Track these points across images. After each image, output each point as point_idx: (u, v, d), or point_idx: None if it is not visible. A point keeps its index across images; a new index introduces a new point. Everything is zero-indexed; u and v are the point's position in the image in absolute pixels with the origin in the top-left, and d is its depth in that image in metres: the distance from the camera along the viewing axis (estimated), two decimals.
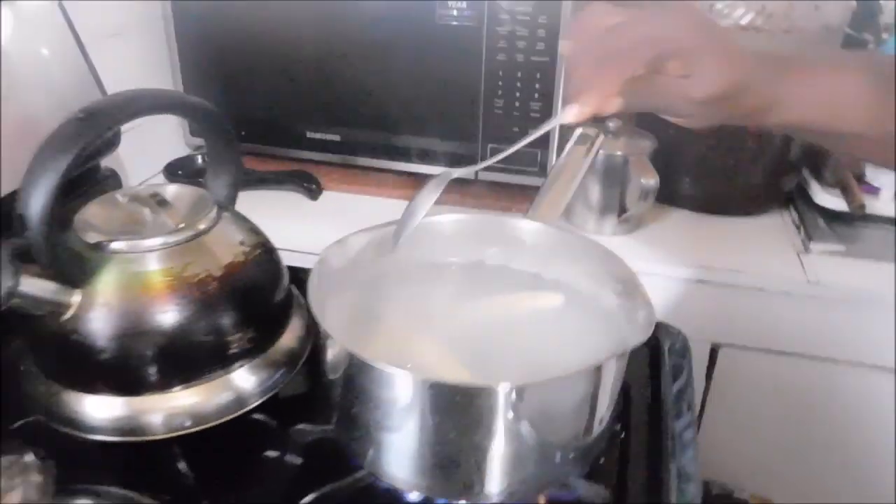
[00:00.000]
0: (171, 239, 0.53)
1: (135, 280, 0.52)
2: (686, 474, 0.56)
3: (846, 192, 0.95)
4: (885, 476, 0.92)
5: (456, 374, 0.51)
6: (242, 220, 0.60)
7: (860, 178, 0.98)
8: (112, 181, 0.78)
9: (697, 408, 0.94)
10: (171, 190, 0.59)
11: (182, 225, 0.54)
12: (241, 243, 0.57)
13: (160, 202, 0.55)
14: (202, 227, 0.55)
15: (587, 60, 0.48)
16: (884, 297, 0.84)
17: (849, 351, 0.88)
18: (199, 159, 1.07)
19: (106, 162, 0.90)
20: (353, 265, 0.59)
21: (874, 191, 0.97)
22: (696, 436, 0.60)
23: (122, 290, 0.52)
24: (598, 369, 0.47)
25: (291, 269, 0.63)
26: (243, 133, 1.08)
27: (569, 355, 0.55)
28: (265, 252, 0.59)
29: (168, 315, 0.52)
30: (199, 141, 1.11)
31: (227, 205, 0.61)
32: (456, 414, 0.45)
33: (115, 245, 0.53)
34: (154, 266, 0.52)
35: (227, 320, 0.54)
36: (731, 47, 0.48)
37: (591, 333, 0.56)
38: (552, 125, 0.54)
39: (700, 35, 0.48)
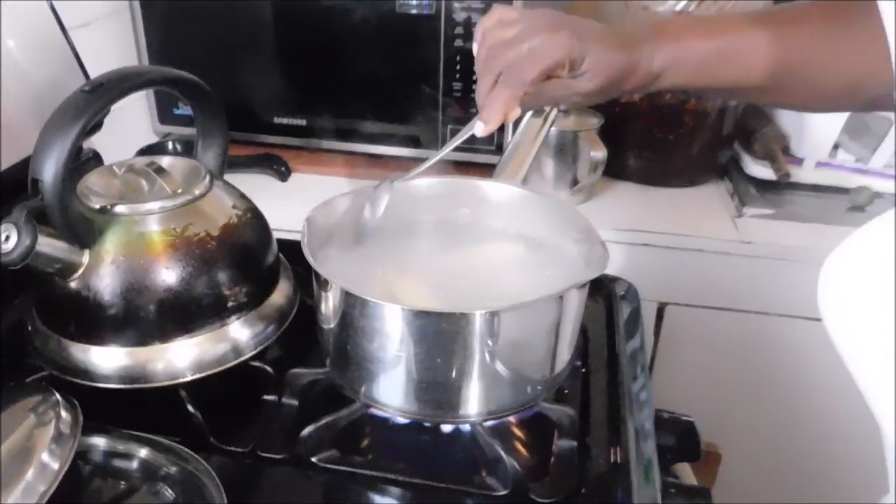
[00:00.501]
0: (171, 203, 0.58)
1: (139, 240, 0.57)
2: (644, 432, 0.62)
3: (774, 162, 1.05)
4: (816, 414, 1.01)
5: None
6: (232, 188, 0.65)
7: (786, 150, 1.08)
8: (95, 162, 0.81)
9: (648, 364, 1.02)
10: (166, 161, 0.63)
11: (179, 190, 0.59)
12: (234, 207, 0.62)
13: (157, 170, 0.60)
14: (198, 192, 0.60)
15: (486, 72, 0.56)
16: (810, 254, 0.93)
17: (780, 304, 0.97)
18: (170, 145, 1.10)
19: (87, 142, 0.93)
20: (338, 224, 0.65)
21: (798, 161, 1.07)
22: (650, 396, 0.67)
23: (127, 249, 0.56)
24: (560, 298, 0.53)
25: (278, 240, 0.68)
26: None
27: (531, 291, 0.62)
28: (255, 216, 0.64)
29: (170, 272, 0.56)
30: (167, 128, 1.15)
31: (216, 174, 0.66)
32: (439, 340, 0.52)
33: (118, 209, 0.57)
34: (156, 227, 0.57)
35: (223, 276, 0.59)
36: (610, 42, 0.56)
37: (555, 278, 0.63)
38: (465, 136, 0.61)
39: (580, 39, 0.55)
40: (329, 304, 0.56)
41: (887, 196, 1.03)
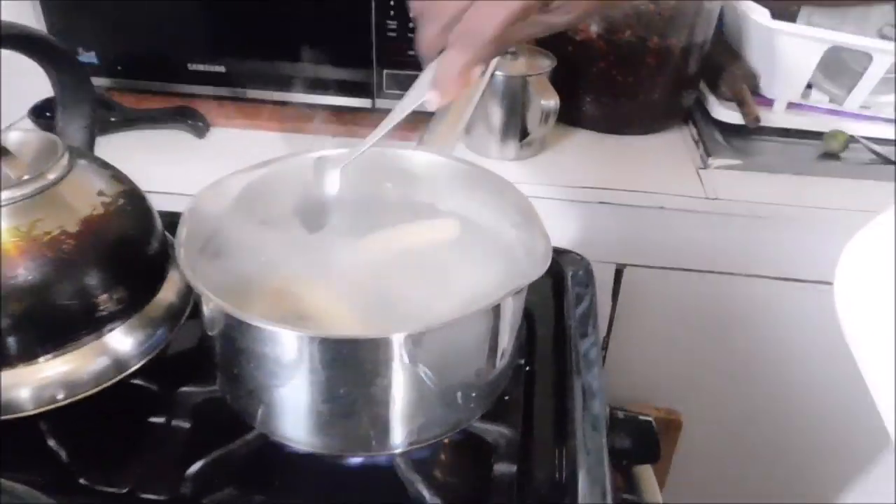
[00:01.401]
0: (15, 193, 0.47)
1: None
2: (591, 391, 0.55)
3: (742, 105, 0.96)
4: (781, 381, 0.96)
5: (345, 321, 0.48)
6: (103, 167, 0.54)
7: (755, 91, 0.99)
8: None
9: (605, 329, 0.95)
10: (14, 137, 0.52)
11: (26, 177, 0.48)
12: (101, 193, 0.51)
13: None
14: (51, 177, 0.49)
15: (429, 19, 0.43)
16: (780, 210, 0.85)
17: (748, 264, 0.90)
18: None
19: None
20: (233, 209, 0.54)
21: (768, 103, 0.98)
22: (600, 354, 0.60)
23: None
24: (495, 308, 0.45)
25: (177, 214, 0.57)
26: (119, 68, 0.98)
27: (466, 289, 0.53)
28: (130, 201, 0.53)
29: (18, 280, 0.46)
30: None
31: (84, 150, 0.54)
32: (345, 367, 0.43)
33: None
34: None
35: (90, 280, 0.49)
36: None
37: (489, 265, 0.54)
38: (413, 105, 0.49)
39: None
40: (210, 317, 0.46)
41: (862, 141, 0.95)
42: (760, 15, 0.93)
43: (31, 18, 0.93)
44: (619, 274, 0.92)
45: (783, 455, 1.03)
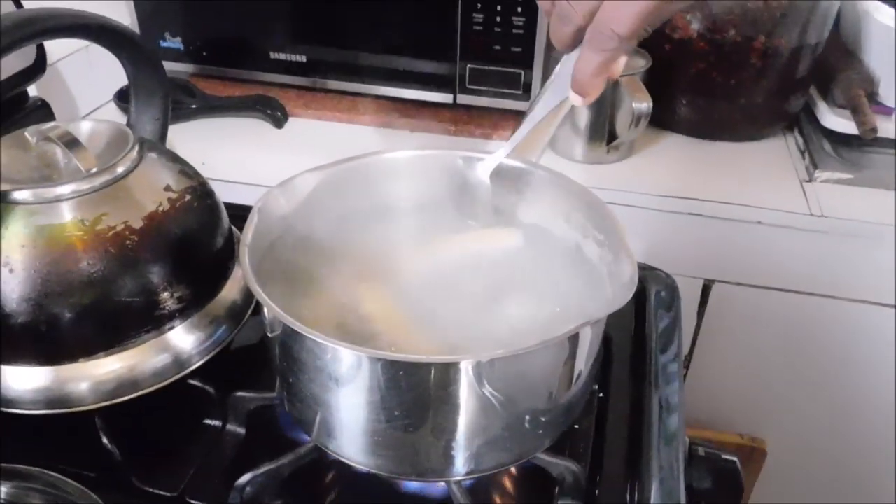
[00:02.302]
0: (82, 186, 0.46)
1: (41, 234, 0.45)
2: (670, 405, 0.52)
3: (857, 113, 0.87)
4: (880, 417, 0.88)
5: (406, 330, 0.45)
6: (172, 161, 0.53)
7: (872, 98, 0.90)
8: (42, 112, 0.70)
9: (688, 346, 0.89)
10: (87, 127, 0.51)
11: (94, 169, 0.47)
12: (168, 188, 0.50)
13: (69, 143, 0.48)
14: (120, 170, 0.48)
15: (560, 21, 0.42)
16: (892, 231, 0.77)
17: (852, 288, 0.82)
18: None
19: (43, 89, 0.82)
20: (301, 210, 0.52)
21: (888, 111, 0.89)
22: (681, 371, 0.55)
23: (28, 246, 0.45)
24: (572, 337, 0.41)
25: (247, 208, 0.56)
26: (205, 54, 0.99)
27: (542, 308, 0.49)
28: (197, 197, 0.52)
29: (80, 274, 0.45)
30: None
31: (154, 143, 0.53)
32: (405, 388, 0.40)
33: (17, 195, 0.46)
34: (63, 218, 0.46)
35: (152, 277, 0.48)
36: None
37: (570, 283, 0.50)
38: (553, 105, 0.48)
39: None
40: (270, 321, 0.44)
41: None
42: (885, 14, 0.84)
43: (121, 5, 0.94)
44: (706, 290, 0.86)
45: (872, 489, 0.94)
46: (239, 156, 0.88)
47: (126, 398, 0.48)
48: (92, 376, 0.48)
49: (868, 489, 0.95)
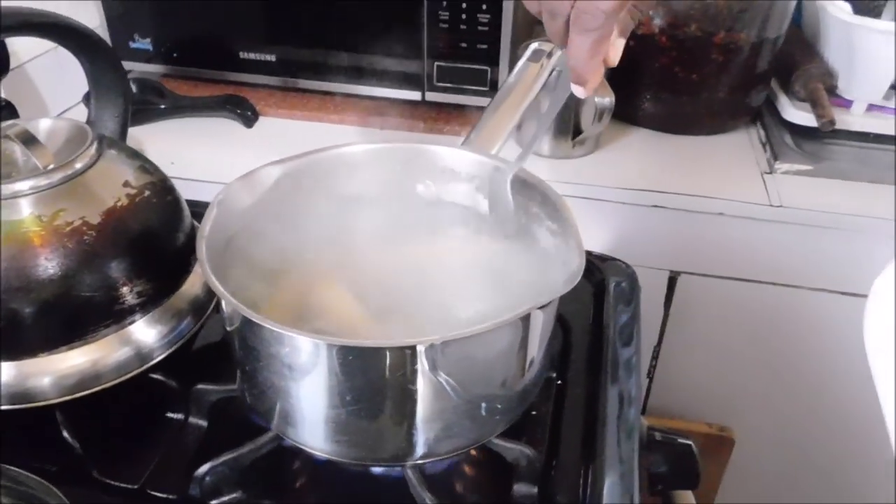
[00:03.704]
0: (40, 182, 0.47)
1: None
2: (629, 399, 0.52)
3: (816, 106, 0.89)
4: (847, 405, 0.89)
5: (361, 322, 0.46)
6: (132, 157, 0.53)
7: (832, 91, 0.92)
8: (6, 113, 0.70)
9: (655, 337, 0.91)
10: (46, 125, 0.52)
11: (52, 166, 0.48)
12: (126, 184, 0.50)
13: (27, 140, 0.48)
14: (77, 166, 0.48)
15: (563, 32, 0.42)
16: (852, 220, 0.79)
17: (813, 277, 0.84)
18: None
19: (11, 91, 0.82)
20: (262, 203, 0.53)
21: (846, 104, 0.91)
22: (640, 364, 0.56)
23: None
24: (523, 320, 0.42)
25: None
26: (174, 55, 0.99)
27: (493, 299, 0.50)
28: (157, 192, 0.52)
29: (38, 269, 0.46)
30: (127, 64, 1.02)
31: (114, 140, 0.54)
32: (361, 375, 0.41)
33: None
34: (20, 214, 0.46)
35: (111, 272, 0.48)
36: None
37: (523, 272, 0.51)
38: (561, 103, 0.49)
39: None
40: (227, 314, 0.45)
41: None
42: (840, 10, 0.86)
43: (90, 5, 0.94)
44: (672, 281, 0.87)
45: (840, 477, 0.96)
46: (209, 155, 0.89)
47: (88, 392, 0.49)
48: (54, 371, 0.48)
49: (835, 476, 0.97)
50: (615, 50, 0.43)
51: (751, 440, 0.94)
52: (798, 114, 0.90)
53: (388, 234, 0.54)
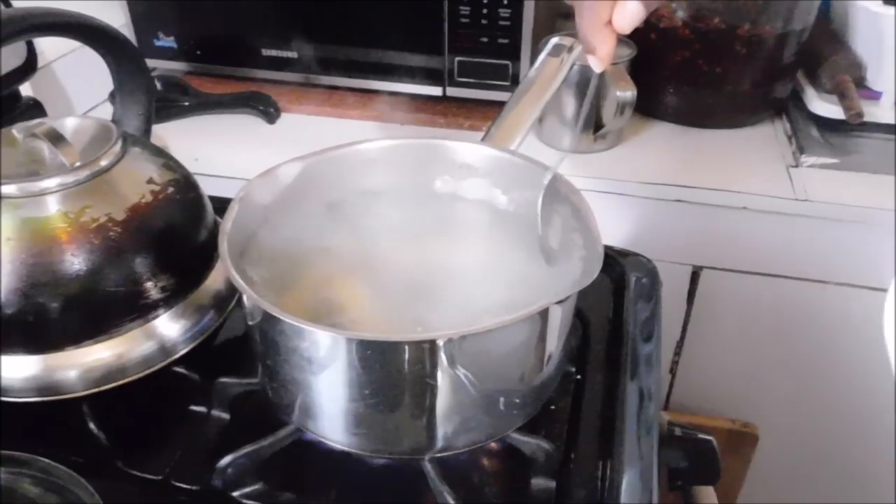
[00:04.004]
0: (66, 179, 0.48)
1: (26, 227, 0.47)
2: (650, 393, 0.52)
3: (843, 98, 0.88)
4: (871, 401, 0.88)
5: (380, 318, 0.46)
6: (156, 155, 0.54)
7: (860, 83, 0.90)
8: (34, 111, 0.71)
9: (678, 333, 0.90)
10: (72, 123, 0.53)
11: (78, 163, 0.49)
12: (150, 181, 0.51)
13: (54, 138, 0.49)
14: (103, 164, 0.49)
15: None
16: (877, 215, 0.78)
17: (839, 272, 0.82)
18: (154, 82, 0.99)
19: (38, 90, 0.84)
20: (283, 199, 0.54)
21: (875, 96, 0.90)
22: (660, 360, 0.56)
23: (14, 238, 0.47)
24: (542, 314, 0.42)
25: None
26: (198, 52, 1.00)
27: (512, 295, 0.50)
28: (180, 189, 0.53)
29: (64, 265, 0.47)
30: (149, 62, 1.04)
31: (138, 138, 0.55)
32: (381, 369, 0.41)
33: (4, 189, 0.47)
34: (48, 211, 0.47)
35: (135, 267, 0.49)
36: None
37: (538, 265, 0.51)
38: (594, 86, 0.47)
39: None
40: (248, 309, 0.45)
41: None
42: (871, 0, 0.85)
43: (115, 5, 0.96)
44: (695, 276, 0.86)
45: (865, 474, 0.95)
46: (232, 152, 0.90)
47: (113, 385, 0.50)
48: (80, 364, 0.49)
49: (859, 472, 0.95)
50: (622, 12, 0.40)
51: (774, 436, 0.93)
52: (825, 106, 0.89)
53: (406, 230, 0.55)
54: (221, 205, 0.57)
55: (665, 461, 0.53)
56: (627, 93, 0.80)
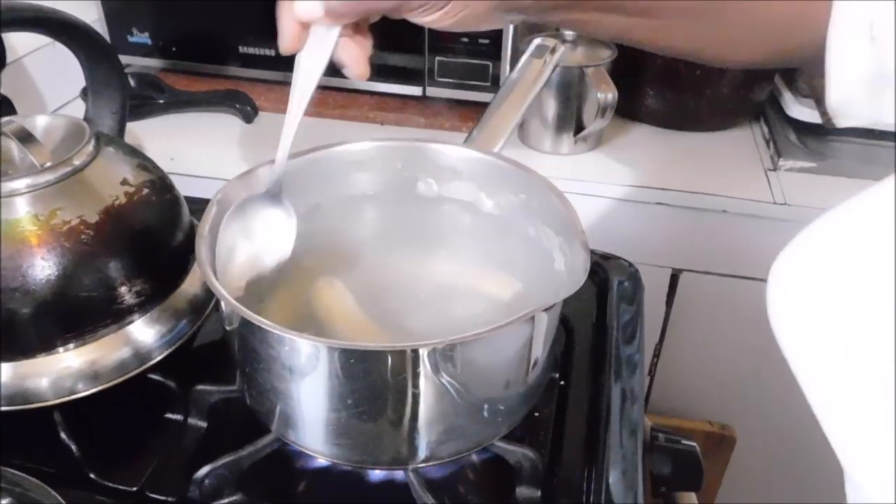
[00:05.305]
0: (37, 180, 0.46)
1: None
2: (634, 396, 0.52)
3: (820, 102, 0.88)
4: None
5: (362, 325, 0.45)
6: (130, 155, 0.53)
7: None
8: (3, 109, 0.69)
9: (657, 335, 0.90)
10: (43, 122, 0.51)
11: (49, 164, 0.47)
12: (124, 182, 0.50)
13: (23, 137, 0.47)
14: (76, 164, 0.48)
15: None
16: None
17: None
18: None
19: (9, 86, 0.81)
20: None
21: None
22: (643, 362, 0.56)
23: None
24: (527, 322, 0.41)
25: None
26: (173, 49, 0.98)
27: (495, 298, 0.50)
28: (156, 191, 0.52)
29: (35, 269, 0.45)
30: (123, 59, 1.01)
31: (112, 137, 0.53)
32: (363, 378, 0.40)
33: None
34: (17, 213, 0.46)
35: (108, 271, 0.48)
36: None
37: (527, 271, 0.50)
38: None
39: None
40: (226, 314, 0.44)
41: None
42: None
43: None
44: (674, 279, 0.87)
45: (840, 476, 0.96)
46: (208, 151, 0.88)
47: (86, 393, 0.48)
48: (51, 371, 0.48)
49: (837, 475, 0.96)
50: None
51: (752, 438, 0.93)
52: (802, 110, 0.89)
53: (389, 233, 0.54)
54: (198, 206, 0.56)
55: (649, 468, 0.53)
56: (608, 95, 0.80)
